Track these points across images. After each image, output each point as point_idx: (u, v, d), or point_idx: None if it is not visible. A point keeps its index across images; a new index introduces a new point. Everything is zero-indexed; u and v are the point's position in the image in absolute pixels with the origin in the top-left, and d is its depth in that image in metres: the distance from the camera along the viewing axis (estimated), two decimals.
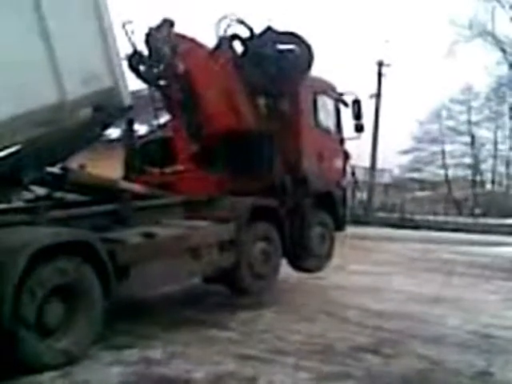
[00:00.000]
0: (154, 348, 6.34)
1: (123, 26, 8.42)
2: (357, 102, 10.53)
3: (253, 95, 9.30)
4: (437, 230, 26.22)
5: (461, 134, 49.61)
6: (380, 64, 33.34)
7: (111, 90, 6.73)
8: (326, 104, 10.30)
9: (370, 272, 12.48)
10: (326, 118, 10.31)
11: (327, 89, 10.36)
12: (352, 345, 6.80)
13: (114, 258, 6.18)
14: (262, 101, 9.50)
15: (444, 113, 49.18)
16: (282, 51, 9.34)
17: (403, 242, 20.38)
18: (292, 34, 9.34)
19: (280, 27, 9.54)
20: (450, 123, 49.59)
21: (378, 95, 33.12)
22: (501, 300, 10.19)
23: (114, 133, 14.00)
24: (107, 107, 6.83)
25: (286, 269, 9.90)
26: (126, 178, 9.03)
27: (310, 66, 9.32)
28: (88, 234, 6.11)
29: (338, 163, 10.78)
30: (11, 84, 5.56)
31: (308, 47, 9.20)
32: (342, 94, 10.64)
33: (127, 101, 7.03)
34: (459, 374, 5.93)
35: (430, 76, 68.47)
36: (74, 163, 7.70)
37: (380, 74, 33.40)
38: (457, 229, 26.46)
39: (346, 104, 10.65)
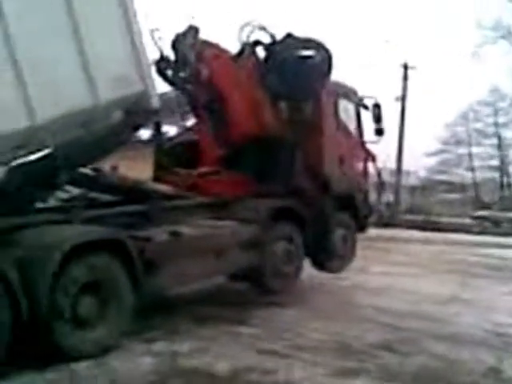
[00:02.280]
0: (181, 342, 6.67)
1: (151, 33, 8.74)
2: (377, 106, 10.76)
3: (275, 100, 9.54)
4: (462, 232, 26.08)
5: (488, 136, 49.17)
6: (405, 67, 33.36)
7: (141, 94, 6.95)
8: (346, 108, 10.56)
9: (391, 273, 12.62)
10: (347, 122, 10.57)
11: (348, 93, 10.61)
12: (368, 342, 7.06)
13: (142, 255, 6.52)
14: (283, 106, 9.76)
15: (471, 115, 48.81)
16: (302, 57, 9.58)
17: (427, 244, 20.32)
18: (311, 40, 9.57)
19: (299, 33, 9.80)
20: (477, 125, 49.23)
21: (403, 98, 33.13)
22: None
23: (145, 134, 14.35)
24: (137, 110, 7.14)
25: (309, 269, 10.19)
26: (156, 178, 9.40)
27: (329, 70, 9.52)
28: (118, 232, 6.46)
29: (360, 166, 11.04)
30: (50, 88, 5.87)
31: (327, 52, 9.41)
32: (362, 98, 10.88)
33: (156, 104, 7.31)
34: (471, 372, 6.17)
35: (456, 78, 67.78)
36: (106, 164, 8.05)
37: (405, 77, 33.42)
38: (482, 231, 26.34)
39: (366, 107, 10.89)
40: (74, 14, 6.16)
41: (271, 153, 9.14)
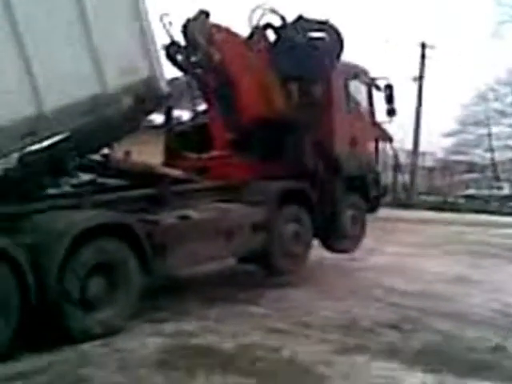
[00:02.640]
0: (190, 322, 6.85)
1: (161, 18, 8.83)
2: (389, 87, 10.75)
3: (286, 82, 9.60)
4: (479, 212, 26.03)
5: (507, 115, 48.59)
6: (423, 46, 33.05)
7: (149, 80, 7.02)
8: (358, 89, 10.60)
9: (403, 254, 12.66)
10: (359, 103, 10.61)
11: (359, 74, 10.62)
12: (375, 321, 7.17)
13: (151, 238, 6.70)
14: (294, 87, 9.78)
15: (490, 94, 48.18)
16: (312, 39, 9.60)
17: (443, 224, 20.40)
18: (322, 22, 9.58)
19: (312, 15, 9.84)
20: (496, 105, 48.60)
21: (420, 78, 32.88)
22: None
23: (158, 119, 14.49)
24: (146, 96, 7.24)
25: (319, 251, 10.31)
26: (166, 162, 9.55)
27: (340, 52, 9.54)
28: (126, 216, 6.63)
29: (371, 147, 11.08)
30: (57, 76, 6.00)
31: (338, 34, 9.43)
32: (374, 79, 10.89)
33: (165, 90, 7.40)
34: (473, 349, 6.26)
35: (475, 58, 66.91)
36: (120, 150, 8.18)
37: (423, 56, 33.12)
38: (499, 211, 26.23)
39: (378, 88, 10.90)
40: (81, 3, 6.25)
41: (281, 135, 9.23)
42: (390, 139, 11.41)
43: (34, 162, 6.47)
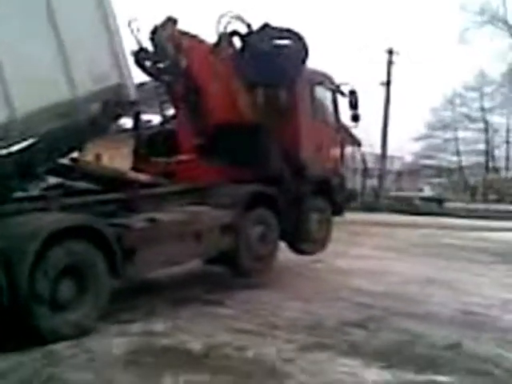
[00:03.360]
0: (157, 322, 6.97)
1: (129, 23, 8.93)
2: (353, 93, 11.02)
3: (251, 88, 9.82)
4: (447, 216, 26.48)
5: (474, 120, 49.66)
6: (390, 52, 33.74)
7: (118, 87, 7.20)
8: (323, 95, 10.84)
9: (371, 256, 12.94)
10: (324, 109, 10.86)
11: (324, 80, 10.87)
12: (340, 320, 7.37)
13: (120, 241, 6.82)
14: (260, 93, 10.02)
15: (457, 99, 49.14)
16: (278, 46, 9.80)
17: (410, 227, 20.73)
18: (288, 30, 9.78)
19: (280, 23, 10.03)
20: (463, 110, 49.58)
21: (387, 83, 33.54)
22: (491, 282, 10.69)
23: (129, 123, 14.58)
24: (115, 102, 7.37)
25: (287, 254, 10.51)
26: (135, 166, 9.66)
27: (304, 59, 9.75)
28: (93, 219, 6.73)
29: (336, 151, 11.33)
30: (28, 81, 6.14)
31: (303, 42, 9.64)
32: (339, 85, 11.14)
33: (134, 96, 7.54)
34: (432, 346, 6.49)
35: (442, 63, 68.34)
36: (90, 154, 8.27)
37: (390, 62, 33.79)
38: (467, 215, 26.71)
39: (343, 94, 11.15)
40: (52, 10, 6.42)
41: (247, 140, 9.38)
42: (358, 144, 11.64)
43: (2, 165, 6.54)
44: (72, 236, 6.34)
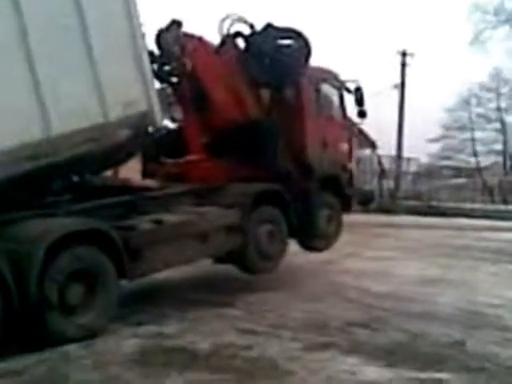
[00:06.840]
0: (168, 324, 7.12)
1: None
2: (359, 89, 11.05)
3: (257, 88, 9.91)
4: (464, 217, 25.89)
5: (490, 120, 48.91)
6: (403, 54, 33.67)
7: (147, 113, 7.33)
8: (328, 92, 10.90)
9: (382, 257, 12.90)
10: (329, 106, 10.92)
11: (329, 77, 10.93)
12: (346, 320, 7.45)
13: (127, 243, 6.94)
14: (265, 93, 10.10)
15: (473, 100, 48.56)
16: (281, 46, 9.89)
17: (426, 229, 20.51)
18: (290, 29, 9.88)
19: (287, 23, 10.10)
20: (480, 110, 48.98)
21: (402, 85, 33.51)
22: (498, 281, 10.71)
23: None
24: (143, 128, 7.52)
25: (297, 256, 10.65)
26: (144, 168, 9.82)
27: (307, 58, 9.85)
28: (100, 223, 6.87)
29: (343, 147, 11.35)
30: (64, 105, 6.38)
31: (305, 41, 9.74)
32: (344, 82, 11.19)
33: (160, 122, 7.69)
34: (434, 344, 6.58)
35: (457, 64, 67.48)
36: None
37: (403, 64, 33.71)
38: (484, 216, 26.06)
39: (348, 91, 11.21)
40: (87, 37, 6.64)
41: (254, 139, 9.48)
42: (373, 145, 11.66)
43: (24, 179, 6.54)
44: (80, 240, 6.48)
